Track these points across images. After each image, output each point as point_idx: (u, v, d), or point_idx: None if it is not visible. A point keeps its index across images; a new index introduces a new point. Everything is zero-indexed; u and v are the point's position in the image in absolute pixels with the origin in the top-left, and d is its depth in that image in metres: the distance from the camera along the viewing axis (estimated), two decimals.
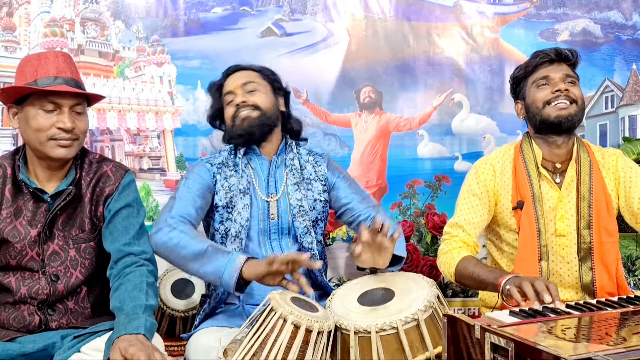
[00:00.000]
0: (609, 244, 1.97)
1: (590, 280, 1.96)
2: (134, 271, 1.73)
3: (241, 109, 2.06)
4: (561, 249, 1.99)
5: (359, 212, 2.10)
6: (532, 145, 2.04)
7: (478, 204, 2.06)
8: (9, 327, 1.76)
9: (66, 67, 1.76)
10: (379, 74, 3.02)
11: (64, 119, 1.72)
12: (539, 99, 2.00)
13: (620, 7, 3.15)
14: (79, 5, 2.89)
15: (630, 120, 3.10)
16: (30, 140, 1.76)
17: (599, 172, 2.02)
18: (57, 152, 1.74)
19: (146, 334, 1.56)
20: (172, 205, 1.96)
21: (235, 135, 2.06)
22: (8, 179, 1.79)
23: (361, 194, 2.16)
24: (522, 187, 2.01)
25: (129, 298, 1.65)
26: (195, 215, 1.96)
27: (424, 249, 2.95)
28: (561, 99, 1.97)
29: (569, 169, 2.01)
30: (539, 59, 2.04)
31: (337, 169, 2.18)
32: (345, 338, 1.66)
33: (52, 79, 1.72)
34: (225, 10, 2.96)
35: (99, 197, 1.84)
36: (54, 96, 1.72)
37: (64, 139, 1.73)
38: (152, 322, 1.62)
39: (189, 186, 2.01)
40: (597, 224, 1.96)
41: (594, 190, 1.98)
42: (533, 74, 2.04)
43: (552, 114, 1.97)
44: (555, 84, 1.99)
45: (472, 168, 2.14)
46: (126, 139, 2.93)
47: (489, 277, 1.82)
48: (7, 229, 1.76)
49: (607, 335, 1.30)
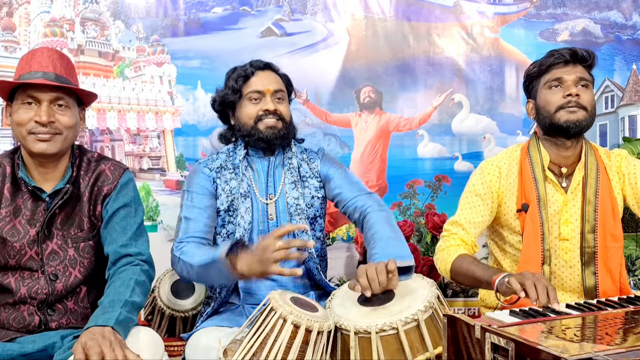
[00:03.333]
0: (614, 248, 1.96)
1: (593, 285, 1.95)
2: (127, 269, 1.73)
3: (269, 115, 2.03)
4: (564, 253, 1.98)
5: (348, 201, 2.05)
6: (540, 148, 2.02)
7: (480, 205, 2.05)
8: (9, 328, 1.76)
9: (49, 62, 1.75)
10: (379, 74, 3.02)
11: (40, 113, 1.71)
12: (550, 103, 1.96)
13: (620, 7, 3.15)
14: (79, 5, 2.89)
15: (630, 120, 3.10)
16: (16, 136, 1.77)
17: (605, 176, 2.00)
18: (37, 146, 1.73)
19: (115, 326, 1.53)
20: (178, 230, 1.97)
21: (255, 138, 2.03)
22: (7, 178, 1.80)
23: (352, 182, 2.10)
24: (527, 190, 2.00)
25: (113, 293, 1.65)
26: (204, 229, 1.96)
27: (424, 249, 2.95)
28: (571, 104, 1.92)
29: (576, 172, 1.99)
30: (553, 58, 1.97)
31: (330, 160, 2.15)
32: (345, 338, 1.66)
33: (33, 73, 1.73)
34: (225, 10, 2.96)
35: (97, 196, 1.83)
36: (31, 90, 1.72)
37: (41, 133, 1.72)
38: (128, 317, 1.60)
39: (193, 200, 2.00)
40: (602, 229, 1.95)
41: (600, 194, 1.97)
42: (546, 74, 1.99)
43: (562, 118, 1.93)
44: (568, 87, 1.94)
45: (478, 168, 2.12)
46: (126, 139, 2.93)
47: (484, 275, 1.82)
48: (7, 228, 1.76)
49: (608, 335, 1.30)
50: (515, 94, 3.09)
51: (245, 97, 2.05)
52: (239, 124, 2.07)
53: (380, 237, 1.89)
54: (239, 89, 2.06)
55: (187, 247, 1.90)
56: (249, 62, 2.11)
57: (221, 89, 2.12)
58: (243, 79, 2.06)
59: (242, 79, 2.06)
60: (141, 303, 1.69)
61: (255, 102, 2.04)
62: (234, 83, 2.06)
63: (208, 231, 1.98)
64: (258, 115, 2.03)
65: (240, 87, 2.06)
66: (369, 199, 2.04)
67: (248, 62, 2.11)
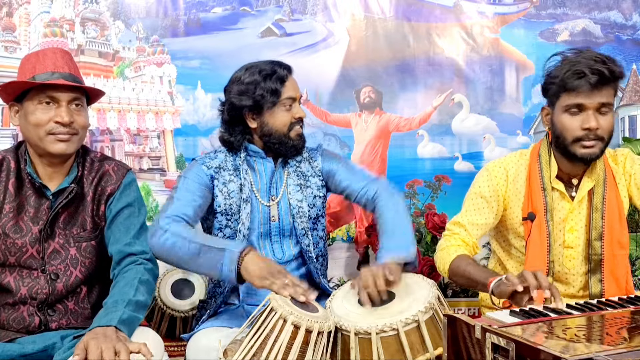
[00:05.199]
0: (620, 256, 1.95)
1: (599, 292, 1.93)
2: (131, 269, 1.74)
3: (300, 122, 2.02)
4: (568, 261, 1.97)
5: (359, 193, 2.04)
6: (551, 156, 1.97)
7: (485, 207, 2.02)
8: (9, 328, 1.76)
9: (63, 63, 1.76)
10: (379, 74, 3.02)
11: (62, 113, 1.72)
12: (568, 130, 1.86)
13: (620, 7, 3.15)
14: (79, 5, 2.89)
15: (630, 120, 3.09)
16: (30, 136, 1.76)
17: (613, 182, 1.97)
18: (56, 147, 1.74)
19: (119, 326, 1.55)
20: (167, 207, 1.93)
21: (288, 146, 2.00)
22: (12, 173, 1.79)
23: (356, 172, 2.09)
24: (535, 199, 1.96)
25: (117, 293, 1.66)
26: (192, 214, 1.93)
27: (424, 249, 2.95)
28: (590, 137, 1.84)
29: (585, 181, 1.96)
30: (578, 83, 1.80)
31: (331, 155, 2.14)
32: (345, 339, 1.66)
33: (50, 74, 1.73)
34: (225, 10, 2.96)
35: (100, 196, 1.84)
36: (51, 90, 1.72)
37: (62, 133, 1.73)
38: (133, 316, 1.61)
39: (188, 185, 1.97)
40: (610, 236, 1.93)
41: (607, 201, 1.94)
42: (568, 94, 1.84)
43: (577, 151, 1.86)
44: (588, 119, 1.82)
45: (484, 169, 2.08)
46: (126, 139, 2.93)
47: (480, 277, 1.81)
48: (10, 224, 1.76)
49: (609, 335, 1.30)
50: (515, 94, 3.08)
51: (280, 102, 1.97)
52: (269, 129, 1.98)
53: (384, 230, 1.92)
54: (280, 92, 1.96)
55: (177, 224, 1.85)
56: (275, 62, 2.01)
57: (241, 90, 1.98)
58: (281, 82, 1.97)
59: (280, 82, 1.96)
60: (146, 301, 1.70)
61: (288, 109, 1.99)
62: (275, 85, 1.95)
63: (195, 219, 1.95)
64: (291, 123, 1.99)
65: (281, 91, 1.96)
66: (377, 184, 2.04)
67: (272, 62, 2.01)
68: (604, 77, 1.80)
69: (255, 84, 1.96)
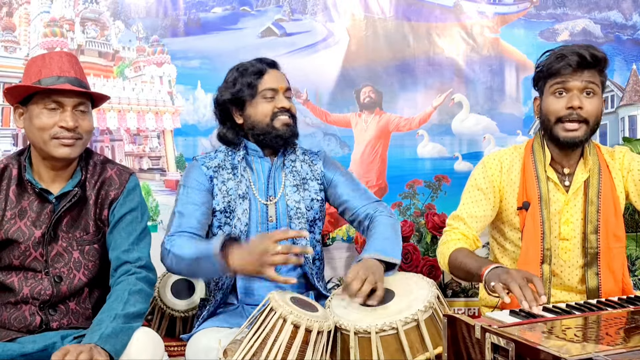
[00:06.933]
0: (616, 249, 1.95)
1: (595, 285, 1.94)
2: (123, 281, 1.75)
3: (284, 112, 2.02)
4: (564, 253, 1.98)
5: (357, 210, 2.07)
6: (544, 146, 2.00)
7: (482, 199, 2.04)
8: (10, 327, 1.76)
9: (70, 67, 1.76)
10: (379, 74, 3.02)
11: (67, 118, 1.73)
12: (552, 112, 1.92)
13: (620, 7, 3.15)
14: (79, 5, 2.89)
15: (630, 120, 3.09)
16: (34, 139, 1.76)
17: (608, 175, 1.99)
18: (60, 151, 1.74)
19: (98, 342, 1.55)
20: (170, 224, 1.97)
21: (273, 136, 2.01)
22: (13, 180, 1.80)
23: (359, 190, 2.12)
24: (529, 188, 1.99)
25: (106, 309, 1.67)
26: (196, 224, 1.95)
27: (424, 249, 2.95)
28: (572, 117, 1.89)
29: (578, 173, 1.98)
30: (561, 65, 1.89)
31: (334, 165, 2.15)
32: (345, 338, 1.66)
33: (55, 78, 1.73)
34: (225, 10, 2.96)
35: (103, 201, 1.84)
36: (56, 95, 1.73)
37: (66, 138, 1.73)
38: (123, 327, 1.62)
39: (188, 196, 1.99)
40: (605, 229, 1.94)
41: (603, 194, 1.95)
42: (553, 77, 1.92)
43: (560, 134, 1.91)
44: (571, 98, 1.88)
45: (480, 162, 2.11)
46: (126, 139, 2.93)
47: (474, 267, 1.81)
48: (12, 229, 1.77)
49: (608, 335, 1.30)
50: (515, 94, 3.09)
51: (259, 94, 2.02)
52: (252, 121, 2.03)
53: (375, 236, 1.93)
54: (256, 85, 2.02)
55: (178, 240, 1.89)
56: (257, 59, 2.08)
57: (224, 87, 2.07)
58: (258, 75, 2.03)
59: (256, 75, 2.02)
60: (140, 310, 1.70)
61: (269, 100, 2.02)
62: (250, 79, 2.02)
63: (201, 228, 1.97)
64: (274, 113, 2.01)
65: (257, 84, 2.02)
66: (379, 206, 2.08)
67: (255, 59, 2.08)
68: (584, 59, 1.87)
69: (234, 80, 2.05)
